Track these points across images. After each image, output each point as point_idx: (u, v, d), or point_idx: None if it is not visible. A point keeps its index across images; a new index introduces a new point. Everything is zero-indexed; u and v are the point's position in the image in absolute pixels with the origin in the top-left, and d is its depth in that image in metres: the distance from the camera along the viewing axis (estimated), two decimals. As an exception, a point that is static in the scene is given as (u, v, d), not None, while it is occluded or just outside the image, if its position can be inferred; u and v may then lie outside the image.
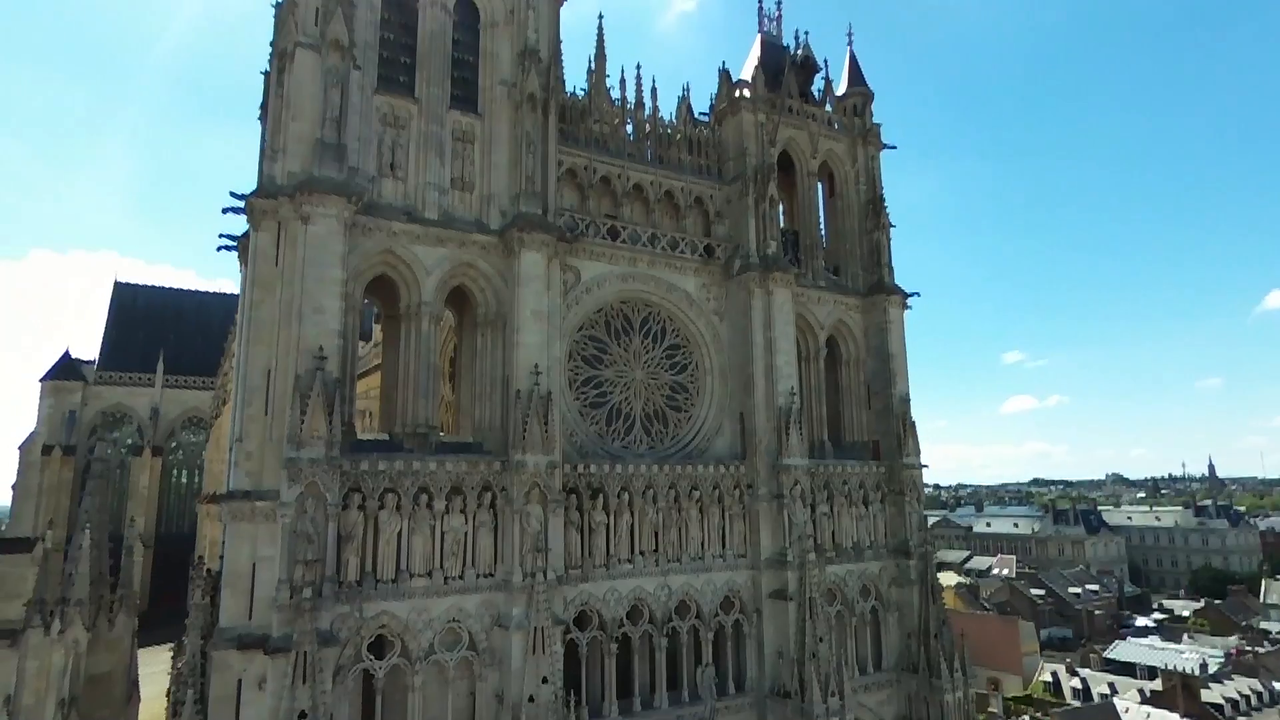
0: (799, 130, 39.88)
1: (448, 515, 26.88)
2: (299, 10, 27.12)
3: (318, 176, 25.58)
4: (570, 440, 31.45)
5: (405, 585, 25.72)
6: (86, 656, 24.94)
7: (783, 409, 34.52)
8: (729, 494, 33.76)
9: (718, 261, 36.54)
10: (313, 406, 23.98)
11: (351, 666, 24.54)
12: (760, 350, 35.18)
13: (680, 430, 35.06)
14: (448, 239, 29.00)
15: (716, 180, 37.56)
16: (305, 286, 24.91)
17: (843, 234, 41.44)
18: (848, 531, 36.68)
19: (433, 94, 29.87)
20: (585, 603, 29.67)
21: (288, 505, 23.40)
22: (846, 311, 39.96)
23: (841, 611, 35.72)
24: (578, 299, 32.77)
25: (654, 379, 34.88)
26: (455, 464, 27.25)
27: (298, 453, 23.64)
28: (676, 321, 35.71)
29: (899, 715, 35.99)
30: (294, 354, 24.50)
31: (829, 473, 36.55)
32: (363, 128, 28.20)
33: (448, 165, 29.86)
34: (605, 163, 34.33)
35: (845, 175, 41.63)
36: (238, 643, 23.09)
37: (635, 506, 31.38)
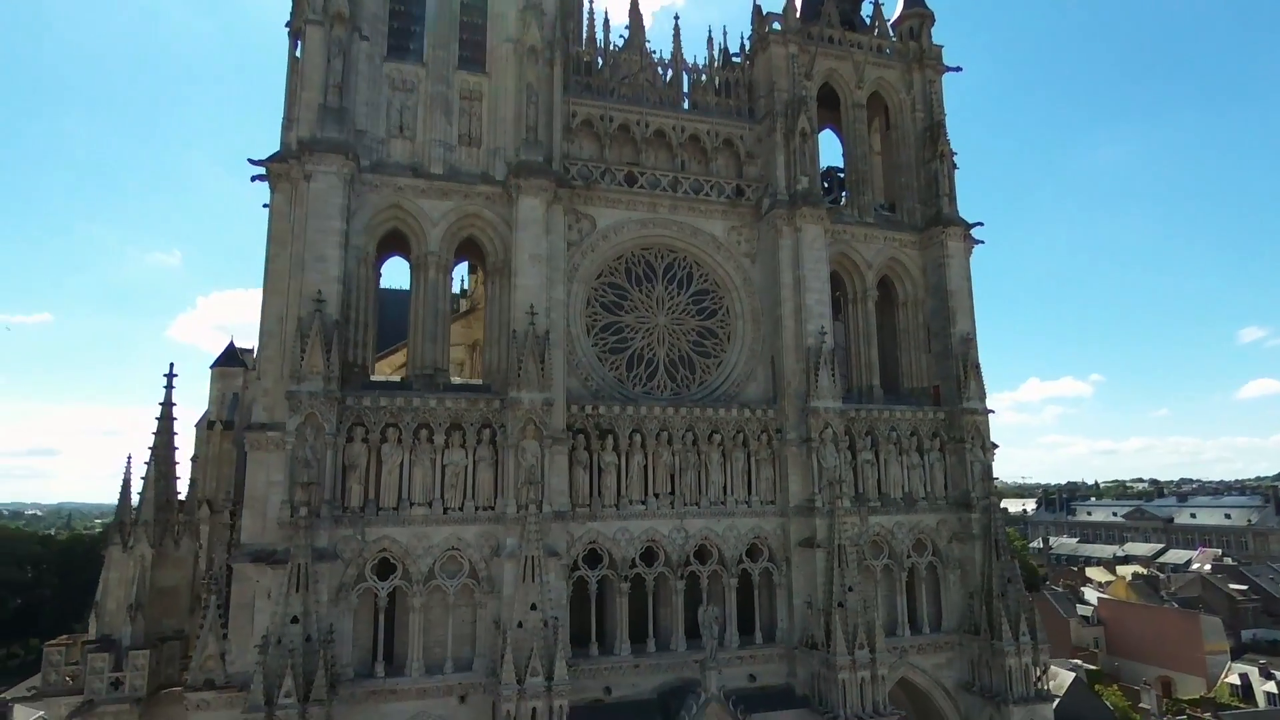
0: (841, 61, 37.58)
1: (448, 450, 28.25)
2: (309, -9, 29.67)
3: (319, 138, 27.92)
4: (586, 384, 31.87)
5: (406, 513, 27.40)
6: (153, 571, 29.10)
7: (812, 349, 32.78)
8: (755, 438, 32.58)
9: (749, 203, 35.37)
10: (311, 345, 26.24)
11: (355, 585, 26.53)
12: (789, 290, 33.63)
13: (709, 376, 34.31)
14: (452, 191, 30.47)
15: (748, 121, 36.35)
16: (308, 239, 27.30)
17: (898, 167, 38.51)
18: (896, 481, 34.04)
19: (439, 56, 31.51)
20: (594, 541, 29.94)
21: (290, 434, 25.78)
22: (901, 249, 37.08)
23: (890, 566, 33.29)
24: (593, 246, 33.08)
25: (678, 325, 34.40)
26: (455, 401, 28.59)
27: (298, 386, 25.98)
28: (704, 266, 34.99)
29: (961, 681, 32.89)
30: (299, 300, 26.92)
31: (873, 418, 34.14)
32: (372, 94, 30.32)
33: (455, 123, 31.35)
34: (622, 110, 34.35)
35: (900, 104, 38.65)
36: (252, 557, 25.77)
37: (649, 449, 31.18)
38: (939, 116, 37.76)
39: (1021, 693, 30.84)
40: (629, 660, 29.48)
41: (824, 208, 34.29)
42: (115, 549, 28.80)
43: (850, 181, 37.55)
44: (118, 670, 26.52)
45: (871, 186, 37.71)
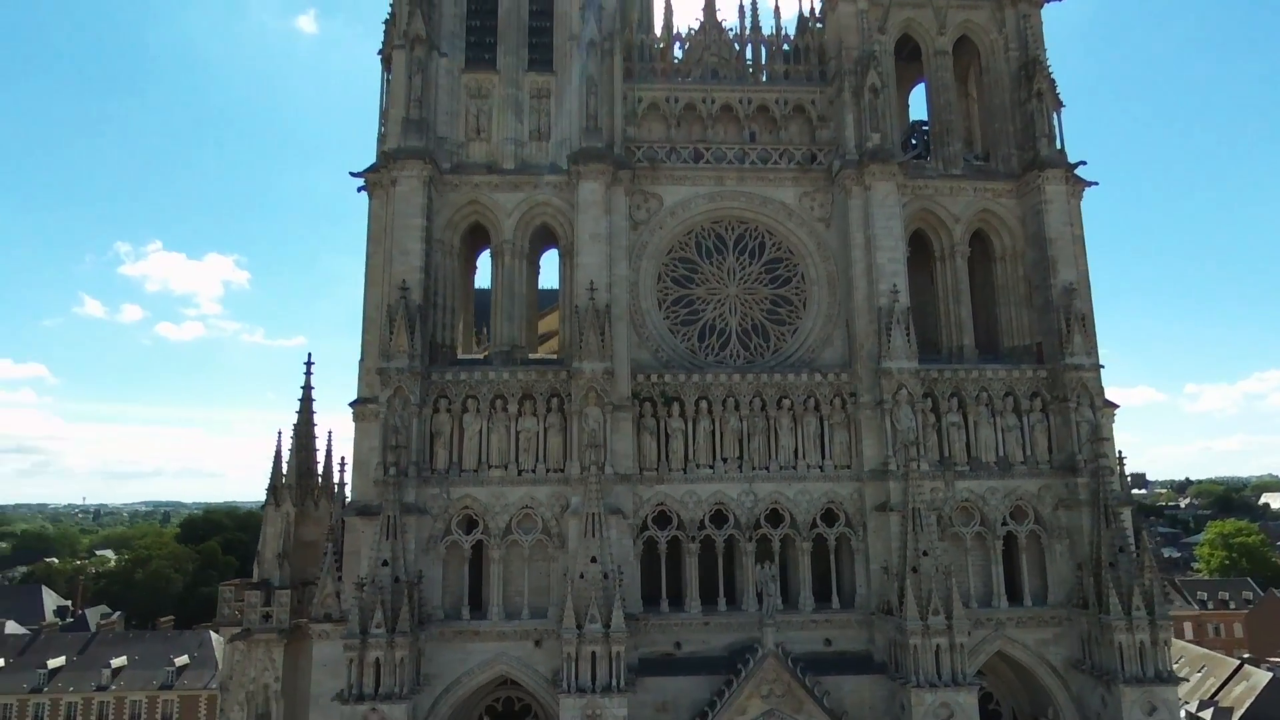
0: (920, 9, 35.92)
1: (521, 418, 30.98)
2: (397, 21, 33.85)
3: (402, 147, 31.81)
4: (657, 355, 33.30)
5: (485, 475, 30.44)
6: (296, 527, 34.51)
7: (884, 309, 31.79)
8: (827, 403, 32.20)
9: (820, 167, 34.94)
10: (398, 327, 30.06)
11: (442, 537, 29.96)
12: (860, 250, 32.87)
13: (783, 343, 34.32)
14: (523, 183, 33.28)
15: (820, 84, 35.91)
16: (395, 236, 31.26)
17: (992, 113, 36.03)
18: (988, 444, 31.96)
19: (510, 62, 34.49)
20: (661, 503, 31.24)
21: (381, 405, 29.73)
22: (994, 199, 34.68)
23: (982, 533, 31.35)
24: (661, 223, 34.40)
25: (750, 294, 34.73)
26: (526, 373, 31.30)
27: (387, 363, 29.88)
28: (776, 235, 35.05)
29: (1070, 658, 30.22)
30: (389, 289, 30.91)
31: (958, 378, 32.33)
32: (452, 103, 33.91)
33: (525, 121, 34.17)
34: (687, 90, 35.36)
35: (991, 46, 36.13)
36: (357, 511, 30.01)
37: (716, 414, 31.94)
38: (1034, 53, 34.82)
39: (1135, 672, 27.87)
40: (699, 618, 30.43)
41: (895, 163, 33.06)
42: (270, 508, 34.54)
43: (934, 133, 35.74)
44: (268, 606, 31.93)
45: (959, 137, 35.62)
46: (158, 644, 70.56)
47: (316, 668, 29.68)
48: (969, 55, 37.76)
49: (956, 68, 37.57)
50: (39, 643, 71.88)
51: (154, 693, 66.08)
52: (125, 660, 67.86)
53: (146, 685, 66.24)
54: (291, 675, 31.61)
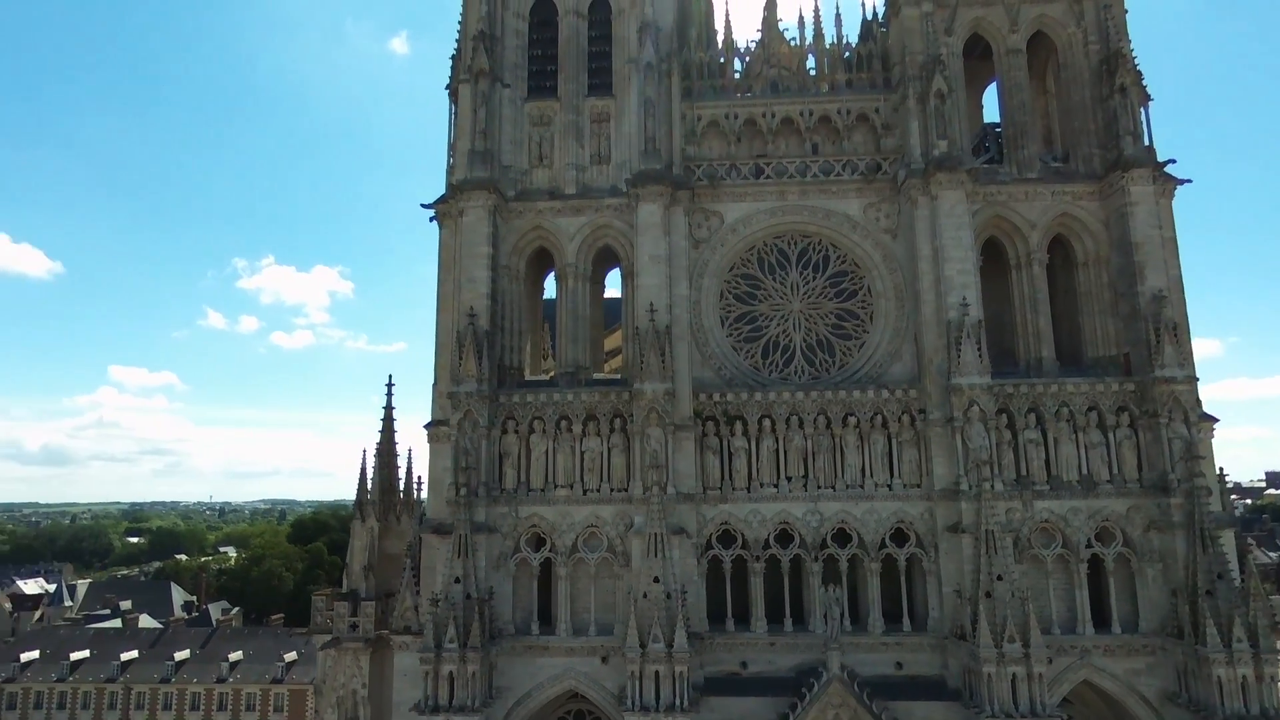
0: (989, 7, 34.50)
1: (585, 438, 31.72)
2: (462, 57, 35.24)
3: (468, 178, 33.11)
4: (720, 373, 33.35)
5: (551, 494, 31.34)
6: (380, 540, 36.38)
7: (953, 323, 30.77)
8: (895, 420, 31.45)
9: (886, 177, 34.12)
10: (466, 352, 31.35)
11: (512, 554, 31.05)
12: (927, 262, 31.94)
13: (849, 358, 33.71)
14: (585, 207, 34.02)
15: (883, 91, 35.06)
16: (462, 264, 32.59)
17: (1071, 111, 34.21)
18: (1070, 461, 30.41)
19: (570, 89, 35.29)
20: (725, 522, 31.30)
21: (453, 428, 31.08)
22: (1074, 202, 32.95)
23: (1064, 555, 29.89)
24: (722, 240, 34.40)
25: (815, 309, 34.27)
26: (590, 394, 32.00)
27: (457, 388, 31.22)
28: (840, 248, 34.46)
29: (1164, 690, 28.41)
30: (458, 316, 32.24)
31: (1036, 393, 30.91)
32: (515, 132, 35.00)
33: (586, 145, 34.90)
34: (746, 106, 35.21)
35: (1069, 40, 34.31)
36: (432, 529, 31.48)
37: (779, 433, 31.74)
38: (1117, 45, 32.85)
39: (1236, 709, 26.00)
40: (764, 638, 30.35)
41: (963, 171, 31.91)
42: (356, 522, 36.62)
43: (1008, 136, 34.26)
44: (355, 616, 33.88)
45: (1034, 138, 34.02)
46: (270, 640, 75.60)
47: (397, 677, 31.29)
48: (1045, 50, 35.99)
49: (1032, 64, 35.88)
50: (167, 636, 78.39)
51: (266, 686, 70.87)
52: (241, 655, 73.09)
53: (260, 679, 71.13)
54: (377, 682, 33.43)
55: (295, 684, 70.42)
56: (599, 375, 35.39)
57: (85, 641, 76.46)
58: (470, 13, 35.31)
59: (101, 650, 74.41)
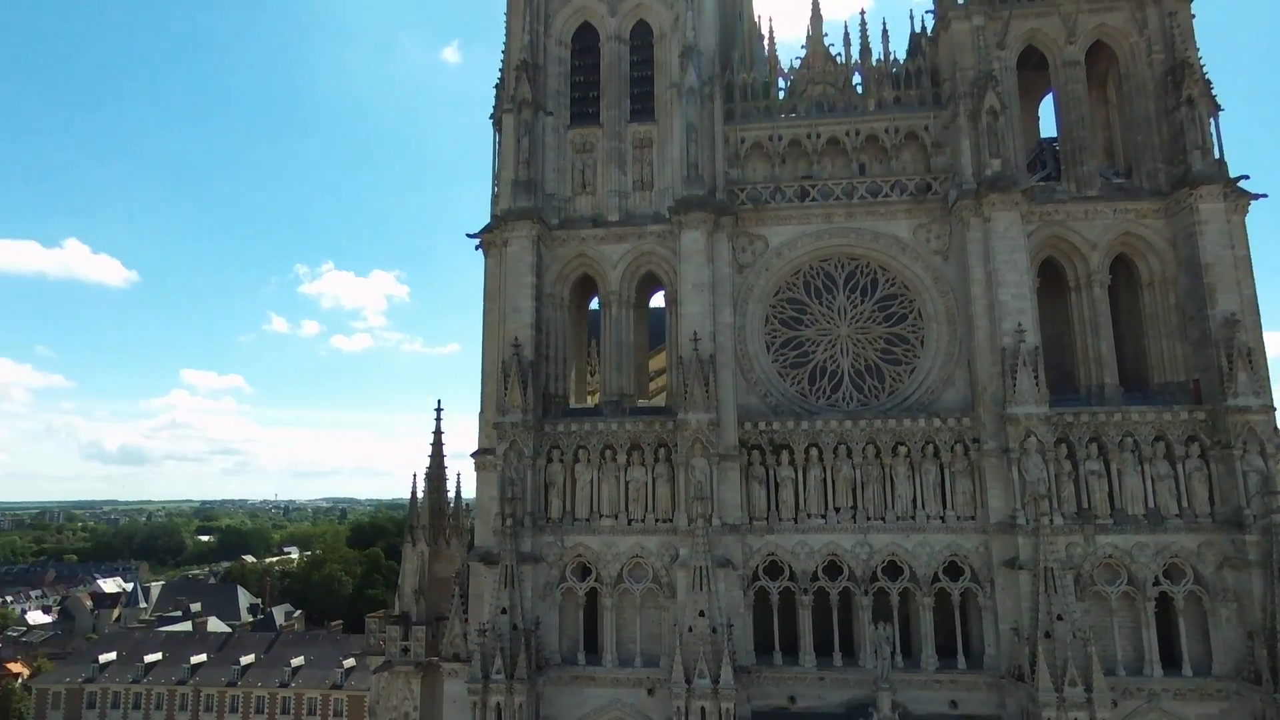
0: (1045, 17, 33.23)
1: (630, 467, 31.67)
2: (505, 86, 35.54)
3: (512, 208, 33.37)
4: (765, 400, 32.89)
5: (596, 524, 31.38)
6: (431, 564, 36.96)
7: (1008, 350, 29.74)
8: (948, 449, 30.56)
9: (936, 197, 33.16)
10: (511, 382, 31.62)
11: (558, 584, 31.19)
12: (980, 286, 30.93)
13: (899, 384, 32.87)
14: (628, 234, 33.97)
15: (932, 108, 34.09)
16: (507, 294, 32.87)
17: (1134, 124, 32.71)
18: (1135, 494, 29.07)
19: (612, 115, 35.27)
20: (772, 553, 30.86)
21: (498, 458, 31.38)
22: (1138, 221, 31.50)
23: (1130, 593, 28.60)
24: (767, 265, 33.90)
25: (863, 333, 33.51)
26: (634, 424, 31.93)
27: (502, 418, 31.50)
28: (889, 270, 33.63)
29: (1239, 739, 26.97)
30: (503, 345, 32.54)
31: (1098, 422, 29.65)
32: (559, 160, 35.16)
33: (629, 172, 34.85)
34: (791, 127, 34.64)
35: (1131, 50, 32.81)
36: (479, 558, 31.85)
37: (827, 462, 31.16)
38: (1183, 54, 31.27)
39: (1319, 763, 24.49)
40: (813, 672, 29.83)
41: (1018, 191, 30.79)
42: (407, 546, 37.32)
43: (1066, 152, 32.93)
44: (407, 640, 34.53)
45: (1094, 154, 32.66)
46: (330, 646, 77.83)
47: (447, 703, 31.79)
48: (1105, 59, 34.52)
49: (1091, 74, 34.49)
50: (233, 640, 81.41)
51: (326, 691, 72.99)
52: (303, 660, 75.40)
53: (320, 684, 73.29)
54: (429, 705, 34.02)
55: (354, 690, 72.30)
56: (643, 403, 35.34)
57: (158, 644, 79.91)
58: (513, 42, 35.61)
59: (173, 653, 77.67)
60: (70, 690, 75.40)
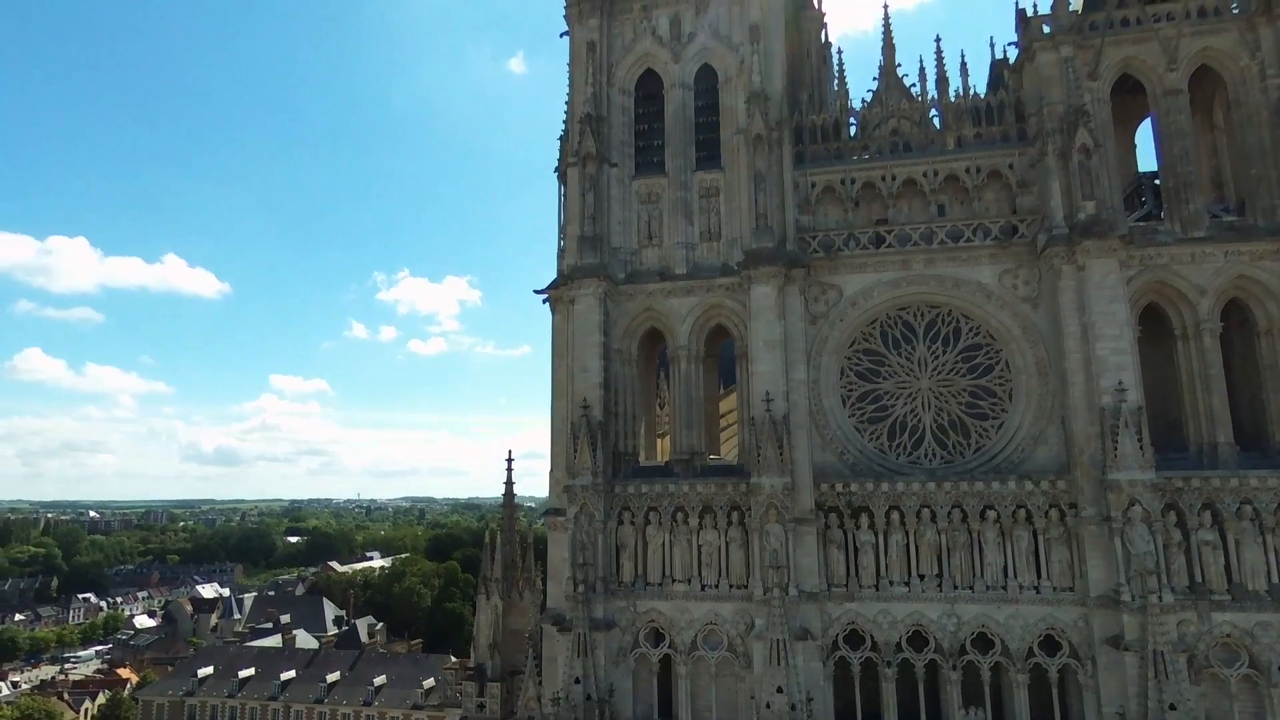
0: (1142, 43, 30.82)
1: (702, 530, 30.96)
2: (570, 139, 35.22)
3: (578, 265, 33.06)
4: (842, 457, 31.66)
5: (669, 588, 30.80)
6: (505, 617, 37.09)
7: (1108, 410, 27.71)
8: (1041, 514, 28.74)
9: (1023, 240, 31.22)
10: (581, 445, 31.30)
11: (631, 650, 30.74)
12: (1075, 340, 28.93)
13: (986, 440, 31.11)
14: (696, 288, 33.20)
15: (1017, 145, 32.12)
16: (575, 353, 32.57)
17: (1246, 155, 30.03)
18: (1255, 567, 26.67)
19: (678, 164, 34.51)
20: (852, 621, 29.66)
21: (569, 520, 31.13)
22: (1252, 264, 28.90)
23: (1253, 677, 26.23)
24: (842, 315, 32.60)
25: (946, 386, 31.85)
26: (705, 486, 31.19)
27: (573, 480, 31.22)
28: (973, 319, 31.87)
29: (1385, 846, 24.39)
30: (571, 405, 32.27)
31: (1211, 487, 27.32)
32: (625, 212, 34.64)
33: (695, 222, 34.05)
34: (864, 169, 33.20)
35: (1241, 75, 30.11)
36: (552, 620, 31.67)
37: (909, 526, 29.75)
38: (1303, 78, 28.53)
39: None
40: (898, 750, 28.53)
41: (1115, 237, 28.65)
42: (481, 598, 37.66)
43: (1167, 189, 30.49)
44: (482, 696, 34.77)
45: (1200, 190, 30.14)
46: (410, 666, 79.72)
47: (523, 766, 31.77)
48: (1210, 82, 31.85)
49: (1194, 96, 31.83)
50: (320, 657, 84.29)
51: (407, 711, 74.66)
52: (385, 679, 77.44)
53: (401, 704, 75.06)
54: (505, 762, 34.20)
55: (433, 711, 73.88)
56: (715, 458, 34.49)
57: (251, 659, 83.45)
58: (576, 94, 35.24)
59: (265, 669, 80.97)
60: (172, 703, 79.46)
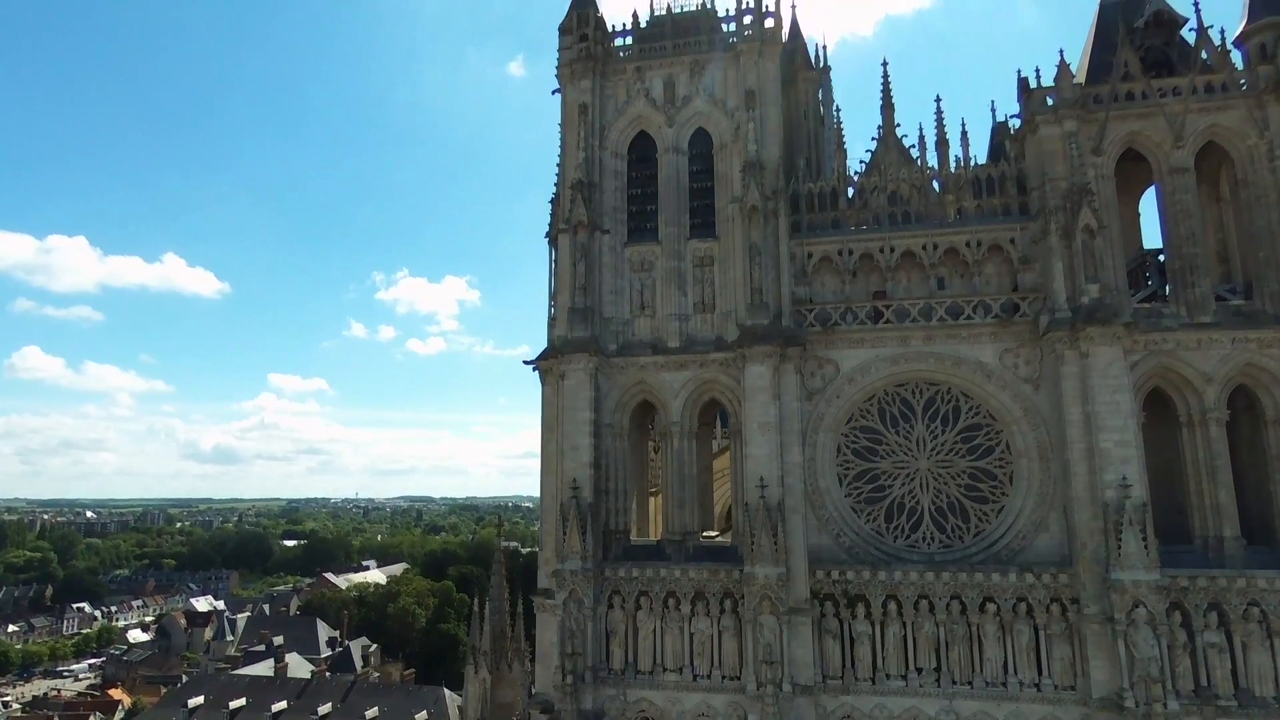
0: (1147, 119, 30.01)
1: (694, 618, 30.14)
2: (560, 204, 34.37)
3: (569, 338, 32.20)
4: (838, 540, 30.88)
5: (660, 677, 30.00)
6: (493, 690, 36.32)
7: (1111, 505, 26.93)
8: (1042, 609, 27.97)
9: (1025, 318, 30.40)
10: (570, 528, 30.48)
11: (621, 741, 29.94)
12: (1077, 429, 28.14)
13: (986, 525, 30.33)
14: (689, 362, 32.35)
15: (1019, 219, 31.31)
16: (565, 430, 31.73)
17: (1253, 237, 29.23)
18: (1263, 672, 25.92)
19: (671, 232, 33.65)
20: (848, 716, 28.88)
21: (558, 606, 30.30)
22: (1260, 351, 28.11)
23: (1259, 788, 25.51)
24: (839, 392, 31.79)
25: (945, 467, 31.06)
26: (697, 571, 30.37)
27: (561, 565, 30.40)
28: (973, 398, 31.06)
29: None
30: (561, 484, 31.43)
31: (1217, 587, 26.56)
32: (616, 280, 33.76)
33: (689, 293, 33.18)
34: (862, 240, 32.37)
35: (1249, 154, 29.31)
36: (540, 707, 30.84)
37: (907, 617, 28.97)
38: (1314, 162, 27.71)
39: None
40: None
41: (1120, 324, 27.86)
42: (469, 670, 36.95)
43: (1173, 270, 29.71)
44: (470, 774, 33.97)
45: (1206, 273, 29.30)
46: (403, 698, 78.75)
47: None
48: (1216, 154, 31.02)
49: (1202, 167, 31.10)
50: (312, 687, 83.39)
51: (399, 747, 73.91)
52: (377, 711, 76.49)
53: (393, 738, 74.28)
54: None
55: (425, 750, 73.14)
56: (707, 537, 33.63)
57: (242, 689, 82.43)
58: (568, 158, 34.36)
59: (256, 698, 79.93)
60: (162, 735, 78.63)
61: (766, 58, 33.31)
